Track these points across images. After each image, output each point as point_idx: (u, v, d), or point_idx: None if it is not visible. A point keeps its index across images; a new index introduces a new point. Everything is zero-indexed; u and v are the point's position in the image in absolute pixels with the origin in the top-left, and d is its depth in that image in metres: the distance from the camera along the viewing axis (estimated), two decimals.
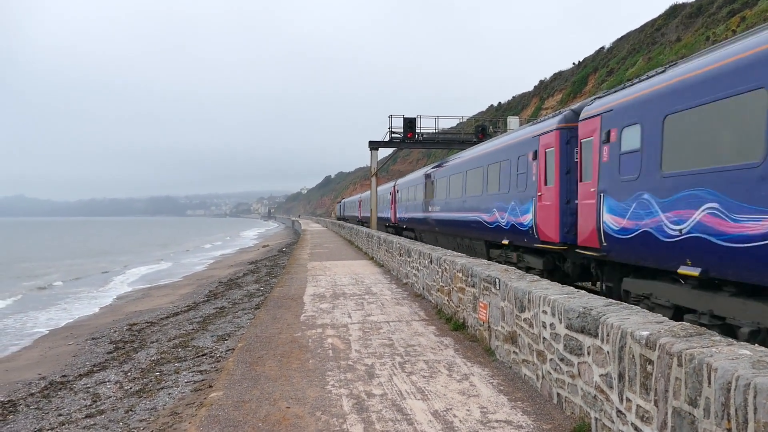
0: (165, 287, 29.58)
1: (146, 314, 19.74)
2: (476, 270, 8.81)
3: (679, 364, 3.69)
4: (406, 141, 33.39)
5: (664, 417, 3.88)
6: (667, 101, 8.84)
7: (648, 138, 9.31)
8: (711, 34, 34.23)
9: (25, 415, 9.20)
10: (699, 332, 4.08)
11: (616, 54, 52.53)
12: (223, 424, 5.39)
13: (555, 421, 5.32)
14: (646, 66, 39.52)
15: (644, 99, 9.61)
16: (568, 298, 5.80)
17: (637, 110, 9.78)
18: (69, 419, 8.52)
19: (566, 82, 60.14)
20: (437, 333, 9.20)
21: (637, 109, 9.76)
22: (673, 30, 43.10)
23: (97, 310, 23.15)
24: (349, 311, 11.27)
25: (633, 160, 9.74)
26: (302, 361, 7.59)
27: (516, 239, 15.47)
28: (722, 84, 7.55)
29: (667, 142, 8.79)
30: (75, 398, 9.78)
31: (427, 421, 5.34)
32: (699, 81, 8.10)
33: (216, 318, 15.99)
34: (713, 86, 7.74)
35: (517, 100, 76.96)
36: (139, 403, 8.49)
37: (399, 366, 7.25)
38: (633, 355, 4.29)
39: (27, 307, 24.86)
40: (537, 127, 14.75)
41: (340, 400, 5.98)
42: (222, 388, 6.48)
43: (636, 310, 5.02)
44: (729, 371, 3.24)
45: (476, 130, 34.19)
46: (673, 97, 8.70)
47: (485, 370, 7.06)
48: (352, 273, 18.30)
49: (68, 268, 44.82)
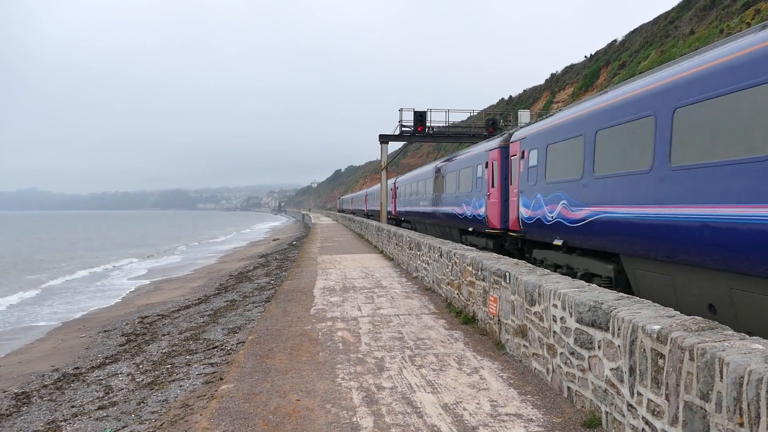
0: (176, 280, 29.77)
1: (157, 307, 19.88)
2: (486, 264, 8.79)
3: (691, 358, 3.67)
4: (416, 135, 33.34)
5: (675, 411, 3.86)
6: (548, 135, 13.86)
7: (540, 158, 14.21)
8: (725, 26, 33.87)
9: (39, 407, 9.30)
10: (711, 326, 4.05)
11: (628, 47, 52.16)
12: (234, 416, 5.42)
13: (565, 415, 5.31)
14: (658, 59, 39.19)
15: (539, 132, 14.60)
16: (578, 292, 5.77)
17: (536, 139, 14.74)
18: (82, 410, 8.60)
19: (578, 76, 59.79)
20: (447, 326, 9.21)
21: (536, 138, 14.73)
22: (687, 23, 42.71)
23: (109, 303, 23.34)
24: (359, 304, 11.30)
25: (534, 171, 14.66)
26: (312, 354, 7.61)
27: (477, 227, 20.13)
28: (570, 129, 12.46)
29: (548, 162, 13.67)
30: (88, 390, 9.87)
31: (437, 414, 5.35)
32: (560, 126, 13.22)
33: (227, 311, 16.07)
34: (567, 130, 12.63)
35: (529, 93, 76.61)
36: (150, 395, 8.55)
37: (409, 359, 7.26)
38: (644, 349, 4.27)
39: (40, 300, 25.11)
40: (489, 144, 19.52)
41: (350, 392, 6.00)
42: (233, 381, 6.52)
43: (647, 304, 5.00)
44: (741, 366, 3.21)
45: (487, 123, 34.07)
46: (550, 133, 13.75)
47: (495, 363, 7.06)
48: (362, 266, 18.33)
49: (81, 261, 45.19)
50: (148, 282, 30.18)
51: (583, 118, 11.91)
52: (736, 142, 7.30)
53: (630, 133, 9.92)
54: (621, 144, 10.26)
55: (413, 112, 32.68)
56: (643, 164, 9.40)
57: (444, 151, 75.06)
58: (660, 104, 9.05)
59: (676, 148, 8.52)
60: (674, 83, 8.79)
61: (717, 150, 7.64)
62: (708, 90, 7.89)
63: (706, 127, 7.89)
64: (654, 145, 9.08)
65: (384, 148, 34.27)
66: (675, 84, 8.76)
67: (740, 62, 7.35)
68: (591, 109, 11.69)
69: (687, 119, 8.33)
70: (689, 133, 8.29)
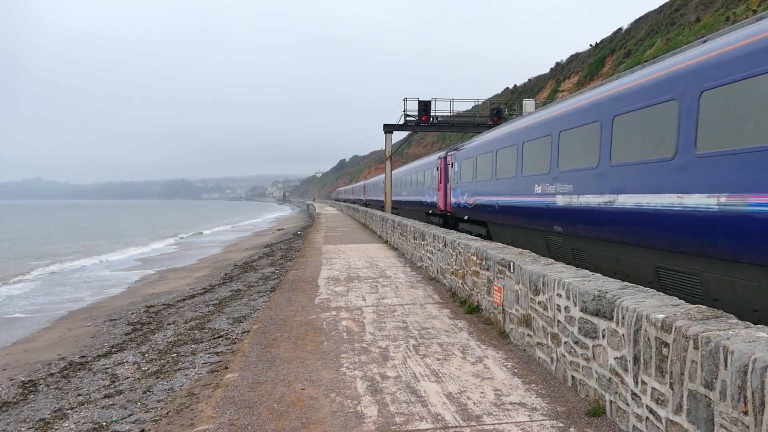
0: (181, 270, 29.86)
1: (163, 296, 19.96)
2: (490, 253, 8.79)
3: (695, 346, 3.66)
4: (420, 124, 33.23)
5: (679, 400, 3.86)
6: (462, 153, 22.22)
7: (458, 169, 22.44)
8: (731, 14, 33.59)
9: (45, 395, 9.36)
10: (716, 315, 4.04)
11: (633, 35, 51.78)
12: (239, 405, 5.44)
13: (569, 404, 5.32)
14: (664, 47, 38.91)
15: (460, 151, 22.82)
16: (582, 282, 5.77)
17: (456, 156, 23.13)
18: (88, 399, 8.66)
19: (583, 64, 59.44)
20: (451, 316, 9.22)
21: (456, 155, 23.17)
22: (693, 10, 42.36)
23: (114, 292, 23.44)
24: (363, 294, 11.32)
25: (457, 176, 22.74)
26: (317, 343, 7.64)
27: (433, 210, 28.29)
28: (466, 153, 21.15)
29: (462, 171, 21.84)
30: (94, 378, 9.93)
31: (441, 403, 5.37)
32: (464, 149, 21.95)
33: (232, 300, 16.13)
34: (466, 153, 21.34)
35: (533, 82, 76.19)
36: (156, 384, 8.60)
37: (413, 348, 7.27)
38: (648, 338, 4.26)
39: (46, 288, 25.24)
40: (440, 154, 27.91)
41: (354, 382, 6.02)
42: (238, 370, 6.55)
43: (651, 293, 4.99)
44: (746, 354, 3.21)
45: (491, 113, 33.90)
46: (462, 152, 22.13)
47: (499, 353, 7.07)
48: (367, 256, 18.35)
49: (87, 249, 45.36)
50: (154, 271, 30.29)
51: (472, 147, 20.81)
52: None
53: (486, 155, 18.73)
54: (487, 161, 18.48)
55: (418, 102, 32.57)
56: (486, 175, 18.47)
57: (449, 140, 74.87)
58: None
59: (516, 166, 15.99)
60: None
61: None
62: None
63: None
64: (493, 166, 17.87)
65: (388, 138, 34.20)
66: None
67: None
68: (476, 143, 20.50)
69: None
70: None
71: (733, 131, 7.30)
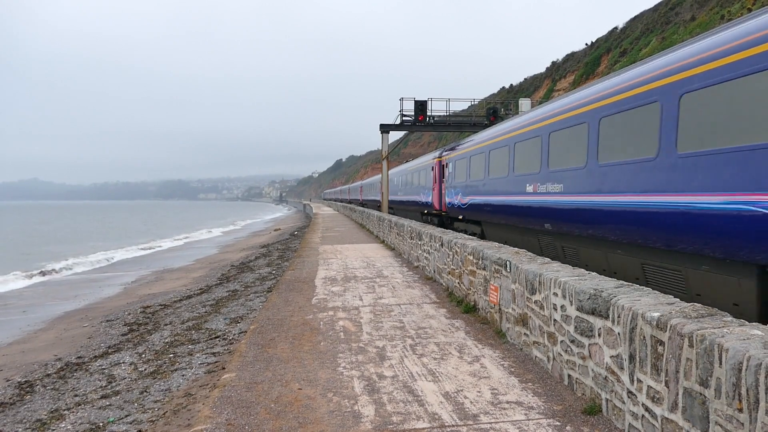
0: (178, 270, 29.82)
1: (159, 297, 19.93)
2: (487, 253, 8.80)
3: (691, 344, 3.68)
4: (417, 124, 33.22)
5: (675, 397, 3.88)
6: (457, 154, 22.50)
7: (453, 169, 22.95)
8: (726, 12, 33.68)
9: (42, 396, 9.35)
10: (710, 313, 4.06)
11: (629, 34, 51.90)
12: (236, 405, 5.45)
13: (566, 402, 5.33)
14: (659, 46, 39.00)
15: (453, 154, 23.26)
16: (579, 280, 5.79)
17: (451, 156, 23.58)
18: (85, 400, 8.65)
19: (579, 63, 59.52)
20: (448, 315, 9.23)
21: (451, 156, 23.54)
22: (688, 9, 42.47)
23: (111, 293, 23.40)
24: (360, 294, 11.32)
25: (451, 176, 23.25)
26: (314, 343, 7.64)
27: (429, 210, 28.50)
28: (476, 149, 19.60)
29: (456, 171, 22.35)
30: (91, 379, 9.92)
31: (438, 402, 5.38)
32: (467, 147, 21.20)
33: (228, 301, 16.12)
34: (469, 150, 20.58)
35: (529, 81, 76.31)
36: (153, 385, 8.60)
37: (410, 348, 7.29)
38: (644, 336, 4.28)
39: (43, 289, 25.18)
40: (435, 154, 28.05)
41: (351, 381, 6.03)
42: (235, 370, 6.55)
43: (647, 292, 5.01)
44: (740, 351, 3.23)
45: (488, 112, 33.91)
46: (457, 153, 22.44)
47: (496, 352, 7.08)
48: (364, 256, 18.35)
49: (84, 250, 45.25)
50: (150, 272, 30.23)
51: (466, 147, 21.29)
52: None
53: (479, 156, 19.18)
54: (480, 161, 18.91)
55: (414, 102, 32.56)
56: (480, 175, 18.93)
57: (445, 140, 74.90)
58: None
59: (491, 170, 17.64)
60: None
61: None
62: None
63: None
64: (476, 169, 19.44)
65: (385, 138, 34.19)
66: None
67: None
68: (469, 149, 20.69)
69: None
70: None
71: (711, 132, 7.46)
